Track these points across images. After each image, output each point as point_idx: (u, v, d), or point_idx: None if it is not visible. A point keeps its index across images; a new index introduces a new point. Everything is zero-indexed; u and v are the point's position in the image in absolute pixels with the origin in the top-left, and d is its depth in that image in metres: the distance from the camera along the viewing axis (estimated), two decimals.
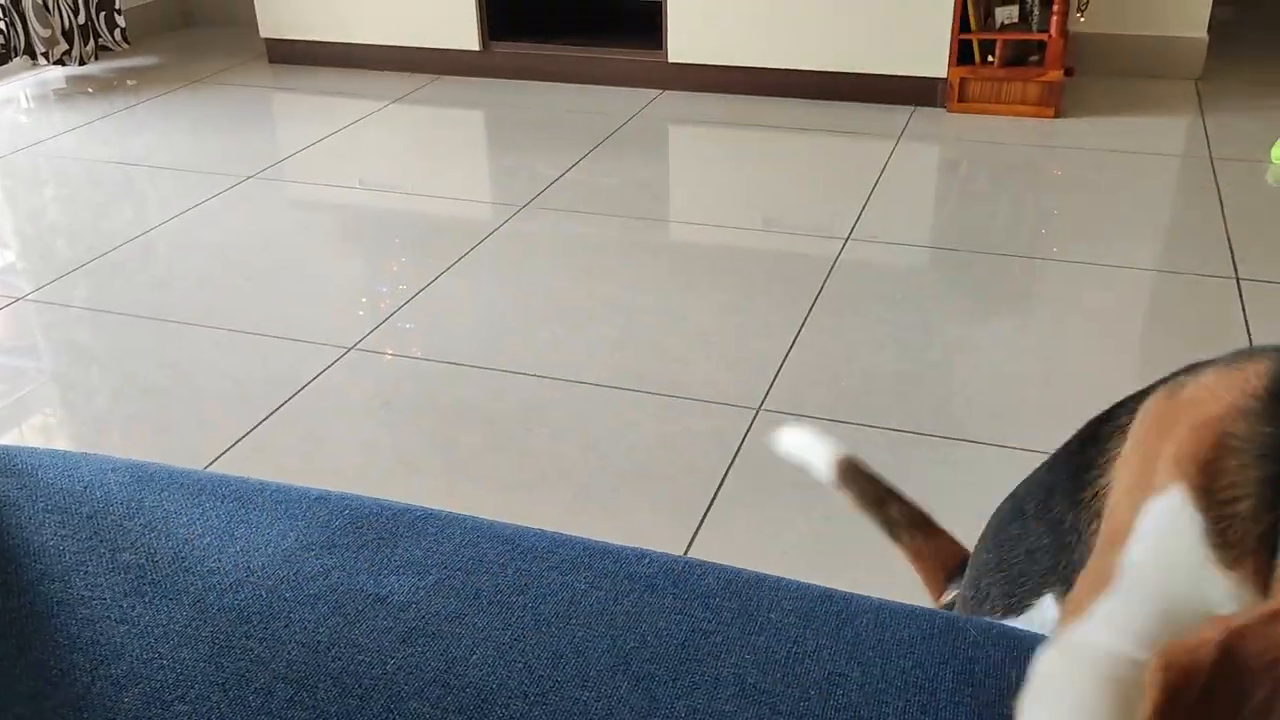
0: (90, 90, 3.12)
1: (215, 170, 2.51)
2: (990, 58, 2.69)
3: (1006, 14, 2.77)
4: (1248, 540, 0.48)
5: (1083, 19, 2.93)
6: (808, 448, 0.92)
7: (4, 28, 3.07)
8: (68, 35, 3.20)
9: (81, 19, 3.24)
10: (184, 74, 3.24)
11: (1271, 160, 2.40)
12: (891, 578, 1.25)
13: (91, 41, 3.29)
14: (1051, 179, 2.37)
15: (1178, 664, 0.43)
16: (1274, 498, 0.48)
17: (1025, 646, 0.57)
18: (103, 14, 3.31)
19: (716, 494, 1.39)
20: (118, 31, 3.36)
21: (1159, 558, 0.50)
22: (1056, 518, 0.64)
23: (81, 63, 3.26)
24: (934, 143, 2.59)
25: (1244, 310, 1.79)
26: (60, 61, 3.21)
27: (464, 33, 3.08)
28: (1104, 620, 0.49)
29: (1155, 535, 0.50)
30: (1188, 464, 0.50)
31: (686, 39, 2.89)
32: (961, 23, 2.66)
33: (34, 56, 3.17)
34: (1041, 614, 0.64)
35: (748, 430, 1.53)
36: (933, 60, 2.70)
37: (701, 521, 1.35)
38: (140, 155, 2.61)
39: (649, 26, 3.00)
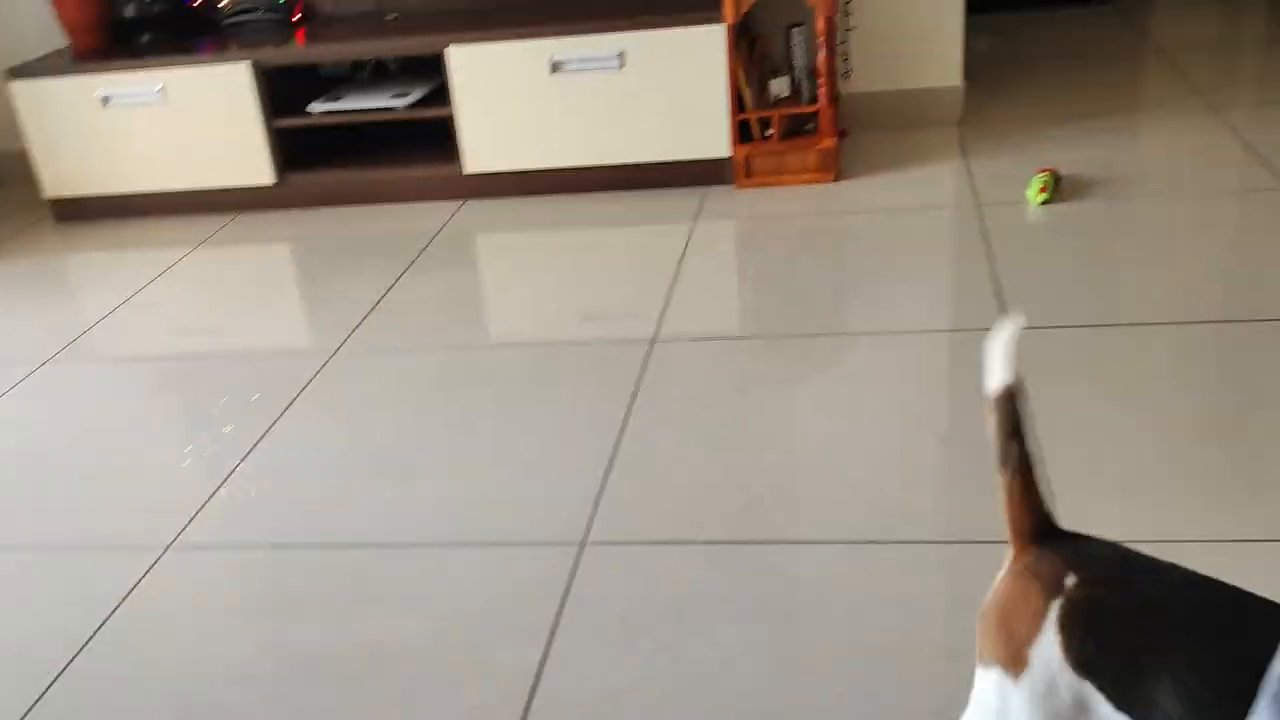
0: None
1: (7, 360, 2.42)
2: (769, 132, 2.84)
3: (779, 87, 2.93)
4: None
5: (848, 78, 3.11)
6: (997, 359, 1.02)
7: None
8: None
9: None
10: None
11: (1028, 200, 2.60)
12: (709, 709, 1.30)
13: None
14: (839, 246, 2.51)
15: None
16: None
17: None
18: None
19: (547, 651, 1.43)
20: None
21: None
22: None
23: None
24: (727, 220, 2.71)
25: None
26: None
27: (256, 168, 3.05)
28: None
29: None
30: None
31: (480, 148, 2.94)
32: (738, 103, 2.80)
33: None
34: None
35: (574, 570, 1.57)
36: (715, 142, 2.83)
37: (535, 684, 1.38)
38: None
39: (442, 140, 3.04)
